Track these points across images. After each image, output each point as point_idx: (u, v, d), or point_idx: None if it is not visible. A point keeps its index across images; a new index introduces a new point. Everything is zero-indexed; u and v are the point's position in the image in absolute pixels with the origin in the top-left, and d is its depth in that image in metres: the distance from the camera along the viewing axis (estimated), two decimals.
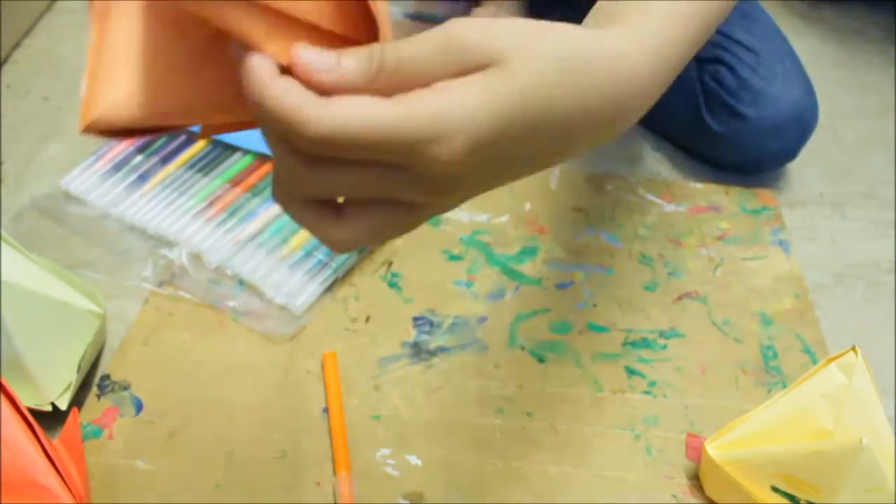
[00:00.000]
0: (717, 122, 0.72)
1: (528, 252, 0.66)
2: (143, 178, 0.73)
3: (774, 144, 0.71)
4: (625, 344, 0.59)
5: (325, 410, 0.55)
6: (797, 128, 0.71)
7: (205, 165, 0.74)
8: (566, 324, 0.61)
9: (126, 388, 0.57)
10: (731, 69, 0.72)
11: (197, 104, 0.31)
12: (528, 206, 0.69)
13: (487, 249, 0.67)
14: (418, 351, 0.59)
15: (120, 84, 0.29)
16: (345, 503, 0.49)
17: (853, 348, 0.47)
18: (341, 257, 0.64)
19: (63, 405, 0.54)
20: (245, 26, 0.27)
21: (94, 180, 0.73)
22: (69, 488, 0.46)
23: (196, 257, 0.65)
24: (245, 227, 0.66)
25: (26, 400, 0.52)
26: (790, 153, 0.74)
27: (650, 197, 0.71)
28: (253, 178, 0.72)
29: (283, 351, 0.59)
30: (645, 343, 0.59)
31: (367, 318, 0.62)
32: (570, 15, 0.64)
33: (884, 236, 0.69)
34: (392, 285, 0.64)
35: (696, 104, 0.74)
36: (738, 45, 0.72)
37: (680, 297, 0.63)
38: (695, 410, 0.55)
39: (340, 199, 0.29)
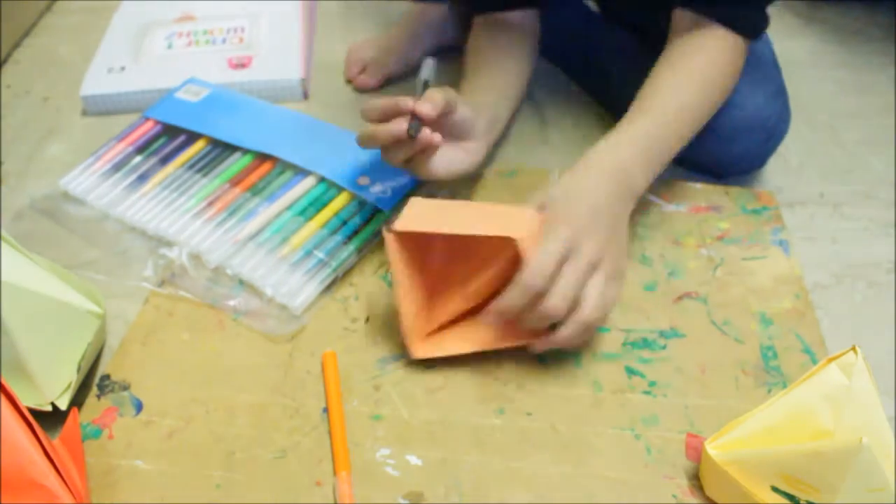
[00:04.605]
0: None
1: None
2: (142, 178, 0.73)
3: (735, 148, 0.70)
4: (625, 344, 0.59)
5: (325, 410, 0.55)
6: (760, 134, 0.70)
7: (204, 165, 0.74)
8: None
9: (126, 388, 0.57)
10: None
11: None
12: None
13: None
14: None
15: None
16: (345, 503, 0.49)
17: (853, 348, 0.47)
18: (341, 256, 0.64)
19: (63, 405, 0.54)
20: None
21: (94, 180, 0.74)
22: (69, 488, 0.46)
23: (196, 257, 0.65)
24: (244, 227, 0.66)
25: (26, 400, 0.52)
26: (755, 159, 0.73)
27: (650, 197, 0.71)
28: (252, 178, 0.72)
29: (283, 351, 0.59)
30: (645, 343, 0.59)
31: (367, 319, 0.62)
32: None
33: (884, 236, 0.69)
34: (392, 285, 0.64)
35: None
36: None
37: (680, 298, 0.63)
38: (695, 410, 0.55)
39: None
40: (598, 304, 0.52)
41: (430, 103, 0.58)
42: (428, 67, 0.70)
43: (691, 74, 0.63)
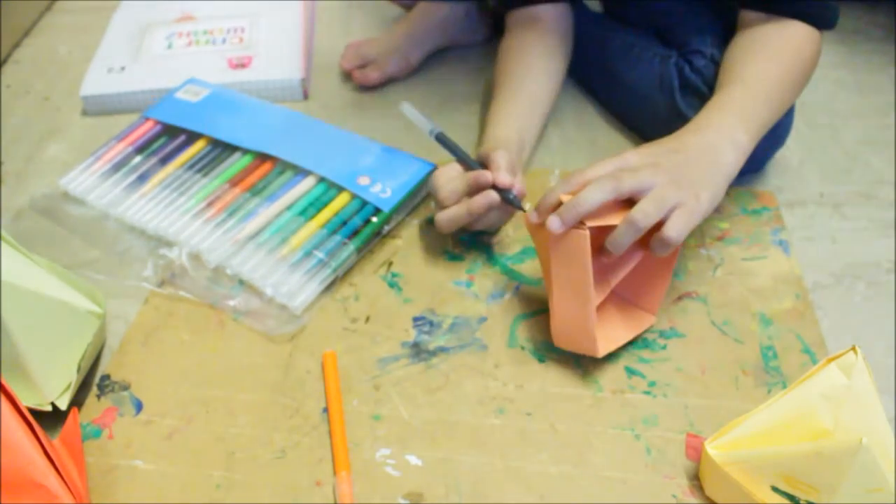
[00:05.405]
0: (690, 108, 0.70)
1: (529, 252, 0.66)
2: (142, 178, 0.73)
3: None
4: (625, 344, 0.59)
5: (325, 410, 0.55)
6: (767, 140, 0.66)
7: (204, 166, 0.74)
8: None
9: (126, 388, 0.57)
10: (712, 60, 0.71)
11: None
12: (528, 206, 0.69)
13: (487, 249, 0.67)
14: (418, 351, 0.59)
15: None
16: (345, 503, 0.49)
17: (853, 348, 0.47)
18: (341, 256, 0.64)
19: (63, 405, 0.54)
20: None
21: (94, 180, 0.74)
22: (69, 488, 0.46)
23: (196, 257, 0.66)
24: (244, 227, 0.66)
25: (26, 400, 0.52)
26: (754, 164, 0.72)
27: None
28: (252, 178, 0.72)
29: (283, 351, 0.59)
30: (645, 343, 0.59)
31: (367, 318, 0.62)
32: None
33: (884, 236, 0.69)
34: (392, 285, 0.64)
35: (672, 98, 0.73)
36: (724, 39, 0.70)
37: (680, 298, 0.63)
38: (695, 410, 0.55)
39: None
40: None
41: (506, 174, 0.62)
42: (417, 116, 0.70)
43: (774, 52, 0.64)
